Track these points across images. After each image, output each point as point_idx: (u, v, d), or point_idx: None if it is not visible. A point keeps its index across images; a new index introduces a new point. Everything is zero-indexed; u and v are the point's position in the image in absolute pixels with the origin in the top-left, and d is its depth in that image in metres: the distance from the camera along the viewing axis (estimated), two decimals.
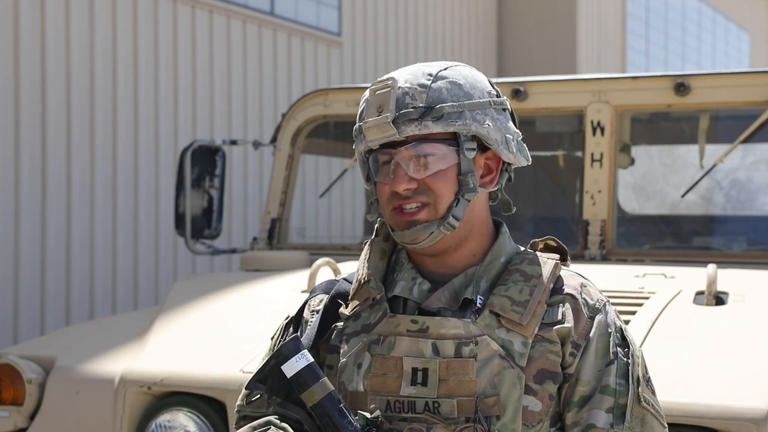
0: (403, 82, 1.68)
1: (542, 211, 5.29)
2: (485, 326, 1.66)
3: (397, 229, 1.70)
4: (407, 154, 1.67)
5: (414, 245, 1.70)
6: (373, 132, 1.68)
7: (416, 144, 1.67)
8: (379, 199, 1.73)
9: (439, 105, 1.66)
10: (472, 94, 1.70)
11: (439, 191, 1.67)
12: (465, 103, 1.68)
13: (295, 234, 5.10)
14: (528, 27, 13.15)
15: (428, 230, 1.67)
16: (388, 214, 1.71)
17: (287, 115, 4.88)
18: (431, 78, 1.69)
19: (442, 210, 1.68)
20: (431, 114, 1.66)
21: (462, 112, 1.67)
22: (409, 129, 1.66)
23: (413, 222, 1.68)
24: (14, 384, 3.64)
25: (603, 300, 1.74)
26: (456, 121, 1.67)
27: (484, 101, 1.70)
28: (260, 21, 9.10)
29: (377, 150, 1.71)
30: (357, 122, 1.73)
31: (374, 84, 1.71)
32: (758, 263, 4.05)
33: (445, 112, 1.66)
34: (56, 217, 7.21)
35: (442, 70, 1.71)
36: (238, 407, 1.81)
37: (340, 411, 1.60)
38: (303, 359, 1.62)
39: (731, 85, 4.24)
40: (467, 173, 1.69)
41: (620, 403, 1.68)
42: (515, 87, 4.40)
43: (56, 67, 7.19)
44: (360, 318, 1.73)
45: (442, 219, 1.67)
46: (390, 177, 1.68)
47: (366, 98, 1.71)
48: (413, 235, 1.68)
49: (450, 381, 1.64)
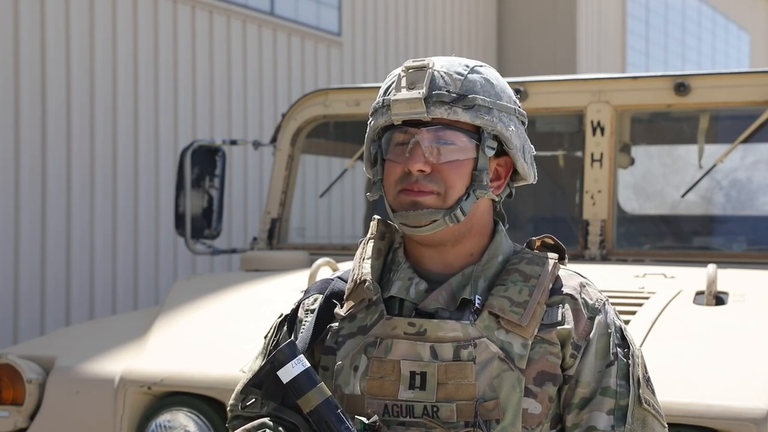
0: (439, 66, 1.67)
1: (542, 211, 5.28)
2: (484, 328, 1.64)
3: (401, 210, 1.67)
4: (429, 136, 1.65)
5: (414, 229, 1.66)
6: (401, 106, 1.65)
7: (440, 128, 1.65)
8: (386, 179, 1.69)
9: (473, 95, 1.65)
10: (502, 96, 1.70)
11: (451, 182, 1.65)
12: (495, 102, 1.68)
13: (295, 234, 5.10)
14: (528, 27, 13.15)
15: (432, 217, 1.65)
16: (393, 195, 1.68)
17: (287, 115, 4.87)
18: (468, 69, 1.68)
19: (451, 201, 1.65)
20: (464, 102, 1.65)
21: (491, 109, 1.67)
22: (438, 111, 1.64)
23: (418, 203, 1.65)
24: (14, 384, 3.64)
25: (602, 300, 1.73)
26: (485, 115, 1.66)
27: (511, 107, 1.70)
28: (260, 21, 9.10)
29: (395, 128, 1.68)
30: (380, 97, 1.69)
31: (408, 62, 1.68)
32: (758, 263, 4.05)
33: (477, 104, 1.65)
34: (56, 217, 7.21)
35: (478, 66, 1.70)
36: (231, 406, 1.78)
37: (337, 417, 1.58)
38: (299, 365, 1.59)
39: (731, 85, 4.24)
40: (483, 170, 1.67)
41: (621, 404, 1.66)
42: (515, 87, 4.40)
43: (56, 67, 7.19)
44: (356, 319, 1.70)
45: (450, 210, 1.65)
46: (405, 156, 1.65)
47: (397, 74, 1.68)
48: (417, 218, 1.65)
49: (449, 385, 1.62)
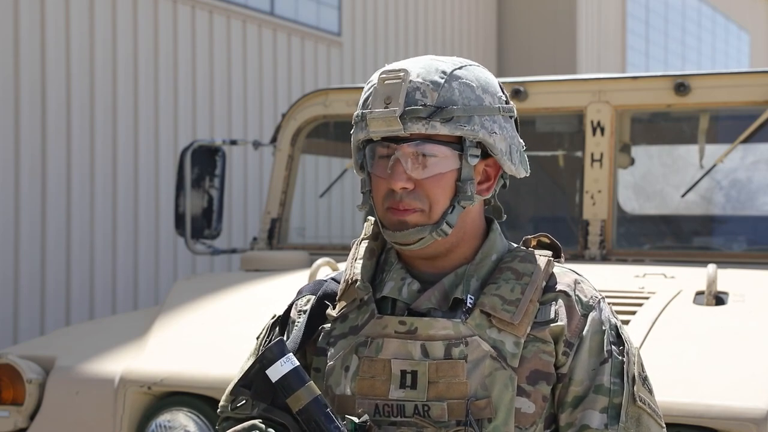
0: (415, 75, 1.62)
1: (542, 211, 5.29)
2: (476, 326, 1.62)
3: (389, 229, 1.66)
4: (409, 152, 1.62)
5: (404, 247, 1.65)
6: (378, 124, 1.61)
7: (419, 143, 1.61)
8: (375, 193, 1.67)
9: (450, 107, 1.61)
10: (483, 98, 1.64)
11: (434, 197, 1.62)
12: (475, 107, 1.63)
13: (295, 234, 5.10)
14: (528, 27, 13.15)
15: (419, 235, 1.63)
16: (381, 211, 1.67)
17: (287, 115, 4.87)
18: (444, 76, 1.63)
19: (436, 216, 1.63)
20: (441, 115, 1.60)
21: (471, 117, 1.62)
22: (415, 127, 1.60)
23: (404, 223, 1.63)
24: (14, 384, 3.63)
25: (597, 297, 1.70)
26: (464, 125, 1.61)
27: (494, 107, 1.65)
28: (260, 21, 9.10)
29: (377, 142, 1.65)
30: (359, 108, 1.67)
31: (384, 72, 1.64)
32: (758, 263, 4.05)
33: (454, 115, 1.60)
34: (56, 217, 7.21)
35: (456, 69, 1.65)
36: (221, 408, 1.75)
37: (326, 415, 1.55)
38: (288, 363, 1.57)
39: (731, 85, 4.24)
40: (466, 180, 1.64)
41: (615, 402, 1.63)
42: (515, 87, 4.40)
43: (56, 67, 7.19)
44: (347, 319, 1.69)
45: (436, 225, 1.63)
46: (387, 172, 1.63)
47: (374, 85, 1.64)
48: (404, 238, 1.63)
49: (440, 383, 1.60)
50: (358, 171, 1.73)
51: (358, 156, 1.71)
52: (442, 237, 1.64)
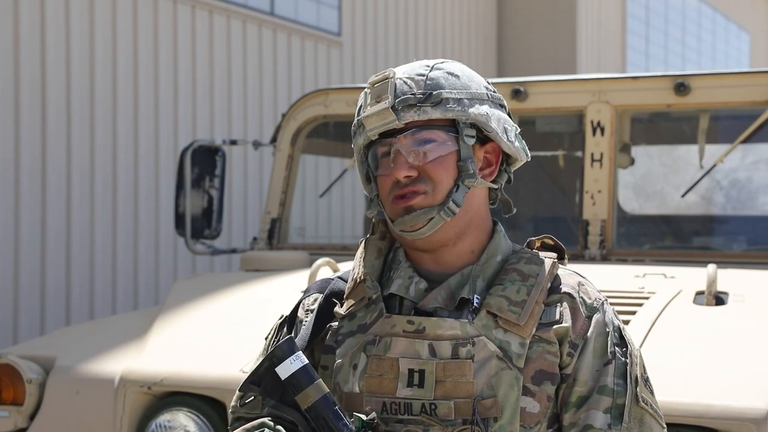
0: (401, 73, 1.69)
1: (542, 211, 5.29)
2: (482, 327, 1.64)
3: (396, 218, 1.68)
4: (407, 142, 1.67)
5: (413, 233, 1.67)
6: (373, 120, 1.67)
7: (416, 131, 1.66)
8: (381, 193, 1.71)
9: (438, 91, 1.67)
10: (470, 85, 1.70)
11: (438, 178, 1.66)
12: (463, 92, 1.69)
13: (295, 234, 5.10)
14: (528, 27, 13.15)
15: (427, 216, 1.66)
16: (389, 206, 1.70)
17: (287, 115, 4.88)
18: (428, 68, 1.70)
19: (441, 196, 1.66)
20: (430, 99, 1.66)
21: (461, 99, 1.67)
22: (408, 115, 1.65)
23: (410, 208, 1.66)
24: (14, 384, 3.63)
25: (601, 299, 1.72)
26: (455, 107, 1.67)
27: (481, 93, 1.71)
28: (260, 21, 9.10)
29: (376, 142, 1.70)
30: (355, 119, 1.73)
31: (372, 78, 1.71)
32: (758, 263, 4.05)
33: (443, 98, 1.66)
34: (56, 217, 7.22)
35: (439, 63, 1.72)
36: (232, 408, 1.79)
37: (335, 413, 1.57)
38: (297, 361, 1.59)
39: (731, 85, 4.24)
40: (467, 159, 1.68)
41: (618, 403, 1.66)
42: (515, 87, 4.40)
43: (56, 67, 7.19)
44: (355, 318, 1.71)
45: (442, 204, 1.66)
46: (390, 167, 1.67)
47: (364, 92, 1.72)
48: (412, 220, 1.66)
49: (447, 382, 1.62)
50: (364, 183, 1.76)
51: (363, 167, 1.75)
52: (450, 216, 1.67)
